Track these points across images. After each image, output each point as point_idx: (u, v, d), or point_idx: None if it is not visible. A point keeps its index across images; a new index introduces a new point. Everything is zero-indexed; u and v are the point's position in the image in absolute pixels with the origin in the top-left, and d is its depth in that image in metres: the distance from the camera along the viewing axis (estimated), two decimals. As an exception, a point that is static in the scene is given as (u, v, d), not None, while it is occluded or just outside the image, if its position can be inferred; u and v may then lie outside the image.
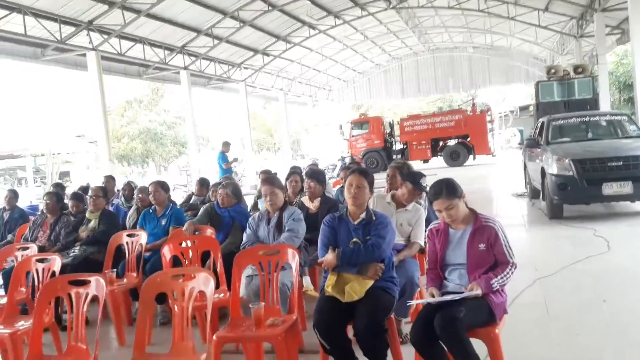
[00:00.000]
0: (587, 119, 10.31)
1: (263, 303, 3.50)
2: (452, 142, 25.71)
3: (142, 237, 5.17)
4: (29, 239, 5.81)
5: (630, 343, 3.93)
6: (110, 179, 8.75)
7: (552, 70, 15.89)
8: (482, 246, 3.24)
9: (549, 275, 5.77)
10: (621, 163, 8.25)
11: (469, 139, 25.12)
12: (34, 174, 31.66)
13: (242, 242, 4.51)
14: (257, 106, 44.70)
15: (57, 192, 6.42)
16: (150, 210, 5.71)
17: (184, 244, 4.65)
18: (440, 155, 25.75)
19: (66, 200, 6.46)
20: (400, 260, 4.27)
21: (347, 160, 22.11)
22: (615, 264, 6.10)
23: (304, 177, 5.74)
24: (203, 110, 40.63)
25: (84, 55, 15.46)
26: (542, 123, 10.42)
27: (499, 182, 16.55)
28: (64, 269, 4.53)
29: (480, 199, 13.01)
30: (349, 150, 26.69)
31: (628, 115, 10.24)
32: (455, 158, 25.18)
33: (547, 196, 8.99)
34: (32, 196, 20.39)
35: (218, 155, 15.62)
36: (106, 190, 6.17)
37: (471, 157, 25.13)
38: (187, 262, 4.45)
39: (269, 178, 4.67)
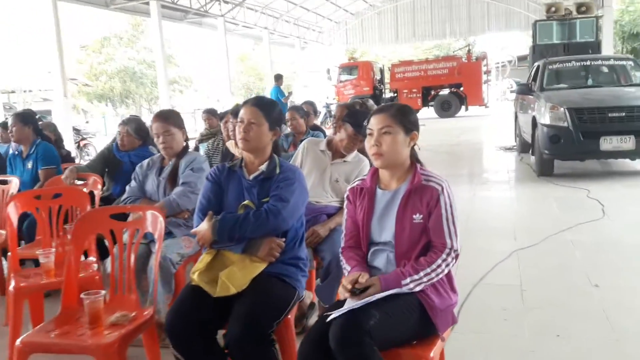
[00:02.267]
0: (587, 63, 9.12)
1: (103, 291, 2.39)
2: (444, 92, 24.43)
3: (14, 184, 4.02)
4: None
5: (627, 351, 2.88)
6: None
7: (552, 9, 14.35)
8: (417, 217, 2.12)
9: (529, 247, 4.71)
10: (623, 114, 7.14)
11: (462, 89, 23.87)
12: (5, 111, 30.19)
13: (122, 198, 3.38)
14: (247, 47, 42.77)
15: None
16: (16, 152, 4.55)
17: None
18: (431, 106, 24.57)
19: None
20: (332, 228, 3.20)
21: (333, 108, 20.84)
22: (610, 234, 5.04)
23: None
24: (185, 49, 38.86)
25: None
26: (538, 67, 9.20)
27: (488, 135, 15.42)
28: None
29: (463, 151, 11.95)
30: (336, 96, 25.35)
31: (634, 60, 9.01)
32: (446, 108, 24.07)
33: (537, 150, 7.91)
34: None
35: (272, 90, 14.71)
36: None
37: (463, 108, 23.96)
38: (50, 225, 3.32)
39: (162, 113, 3.48)
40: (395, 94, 25.14)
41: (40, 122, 5.79)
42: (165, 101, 19.09)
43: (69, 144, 13.71)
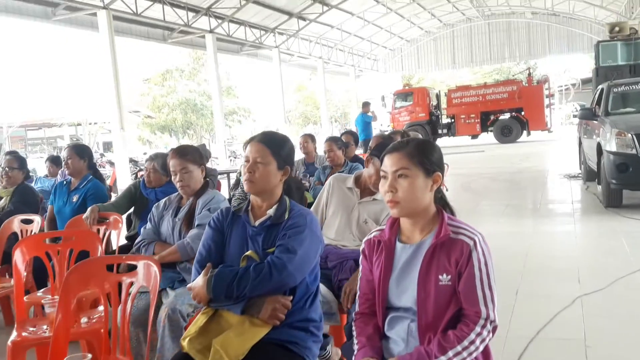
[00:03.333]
0: (657, 85, 8.37)
1: (90, 355, 2.12)
2: (504, 116, 23.63)
3: (35, 223, 3.88)
4: None
5: None
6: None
7: (617, 29, 13.53)
8: (444, 278, 1.74)
9: (595, 292, 4.15)
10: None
11: (523, 113, 23.01)
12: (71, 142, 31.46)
13: (136, 241, 3.14)
14: (303, 77, 43.14)
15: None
16: (64, 182, 4.41)
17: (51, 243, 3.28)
18: (491, 131, 23.85)
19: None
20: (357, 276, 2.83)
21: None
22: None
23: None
24: (244, 81, 39.58)
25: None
26: (602, 90, 8.55)
27: (551, 162, 14.60)
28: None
29: (524, 179, 11.28)
30: (391, 123, 24.97)
31: None
32: (506, 134, 23.25)
33: (604, 179, 7.25)
34: None
35: (358, 117, 14.78)
36: (23, 161, 4.89)
37: (525, 133, 23.07)
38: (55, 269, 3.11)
39: (180, 149, 3.24)
40: (453, 120, 24.57)
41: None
42: (220, 131, 19.27)
43: (126, 175, 13.94)
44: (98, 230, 3.77)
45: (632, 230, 6.02)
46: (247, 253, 2.11)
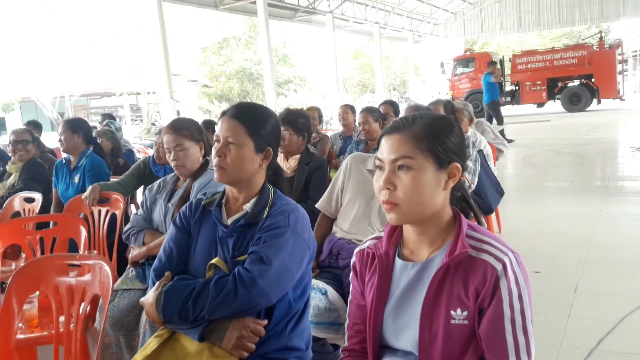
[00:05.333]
0: None
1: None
2: (573, 83, 22.13)
3: (37, 202, 3.57)
4: None
5: None
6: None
7: None
8: (458, 314, 1.23)
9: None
10: None
11: (593, 80, 21.46)
12: (132, 112, 31.99)
13: (124, 230, 2.76)
14: (361, 44, 42.02)
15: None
16: (64, 161, 4.07)
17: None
18: (558, 99, 22.47)
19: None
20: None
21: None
22: None
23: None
24: (301, 49, 38.93)
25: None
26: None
27: (623, 133, 13.46)
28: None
29: (591, 152, 10.35)
30: (450, 91, 23.88)
31: None
32: (575, 102, 21.81)
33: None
34: (128, 135, 20.21)
35: (484, 77, 14.12)
36: (33, 135, 4.60)
37: (595, 101, 21.56)
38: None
39: (175, 123, 2.81)
40: (517, 87, 23.27)
41: (97, 129, 5.46)
42: (272, 100, 18.89)
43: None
44: (100, 211, 3.43)
45: None
46: (213, 261, 1.66)
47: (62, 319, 2.47)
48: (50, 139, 7.33)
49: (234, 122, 1.70)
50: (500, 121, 13.27)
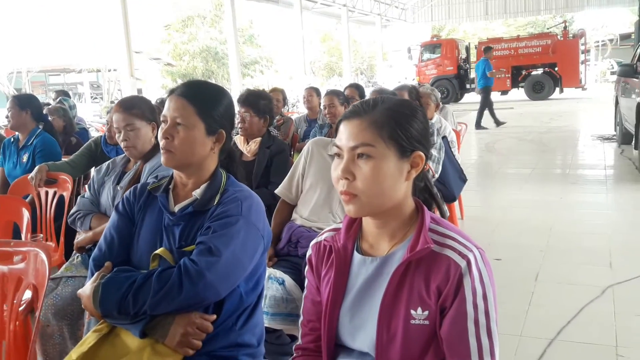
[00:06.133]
0: None
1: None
2: (536, 72, 22.39)
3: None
4: None
5: None
6: None
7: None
8: (419, 314, 1.14)
9: (631, 279, 3.54)
10: None
11: (556, 69, 21.76)
12: (92, 89, 31.12)
13: (70, 213, 2.59)
14: (329, 27, 41.70)
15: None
16: (12, 139, 3.85)
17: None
18: (522, 87, 22.67)
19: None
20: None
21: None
22: None
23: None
24: (268, 30, 38.42)
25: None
26: (647, 44, 7.64)
27: (584, 122, 13.68)
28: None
29: (553, 140, 10.48)
30: (417, 76, 23.91)
31: None
32: (538, 90, 22.09)
33: (643, 144, 6.49)
34: (88, 113, 19.64)
35: (479, 63, 13.29)
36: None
37: (558, 89, 21.88)
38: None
39: (125, 101, 2.64)
40: (482, 75, 23.40)
41: (49, 106, 5.21)
42: (236, 81, 18.57)
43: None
44: (47, 193, 3.24)
45: (674, 204, 5.32)
46: (158, 251, 1.53)
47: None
48: (3, 116, 7.02)
49: (182, 101, 1.56)
50: (484, 106, 13.02)
